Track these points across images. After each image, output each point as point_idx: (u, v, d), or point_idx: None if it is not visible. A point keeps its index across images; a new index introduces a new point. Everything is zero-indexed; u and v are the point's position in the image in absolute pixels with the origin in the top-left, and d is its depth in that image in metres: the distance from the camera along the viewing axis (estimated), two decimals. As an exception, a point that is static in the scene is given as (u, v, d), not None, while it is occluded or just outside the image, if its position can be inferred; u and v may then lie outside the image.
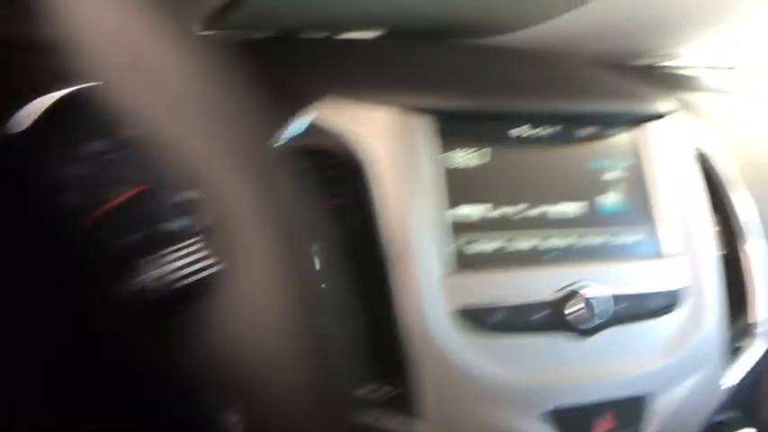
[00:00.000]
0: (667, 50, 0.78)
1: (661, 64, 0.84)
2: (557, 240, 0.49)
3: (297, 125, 0.47)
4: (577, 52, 0.73)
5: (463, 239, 0.46)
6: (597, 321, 0.46)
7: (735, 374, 0.52)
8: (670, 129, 0.54)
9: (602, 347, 0.47)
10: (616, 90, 0.55)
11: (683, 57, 0.81)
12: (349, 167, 0.46)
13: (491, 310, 0.45)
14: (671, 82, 0.80)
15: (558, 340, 0.46)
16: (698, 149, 0.58)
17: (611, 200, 0.51)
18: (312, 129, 0.47)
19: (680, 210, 0.52)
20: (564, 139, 0.51)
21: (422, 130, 0.46)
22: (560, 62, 0.58)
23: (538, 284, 0.46)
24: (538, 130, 0.50)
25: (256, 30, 0.57)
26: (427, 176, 0.45)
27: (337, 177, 0.46)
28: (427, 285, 0.44)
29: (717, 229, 0.54)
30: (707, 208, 0.53)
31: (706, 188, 0.56)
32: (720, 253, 0.53)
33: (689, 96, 0.75)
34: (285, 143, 0.47)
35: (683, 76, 0.83)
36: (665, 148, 0.53)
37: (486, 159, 0.48)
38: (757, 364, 0.53)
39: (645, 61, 0.83)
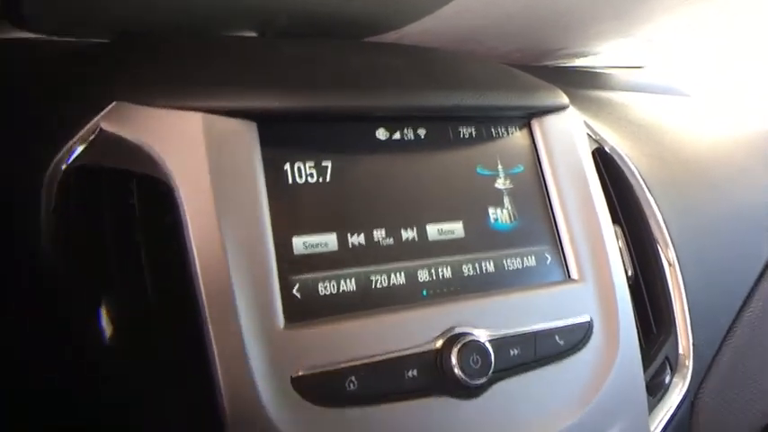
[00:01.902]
0: (575, 49, 0.73)
1: (569, 64, 0.78)
2: (431, 272, 0.38)
3: (79, 139, 0.35)
4: (478, 52, 0.66)
5: (301, 282, 0.35)
6: (490, 372, 0.36)
7: (663, 418, 0.44)
8: (567, 125, 0.45)
9: (498, 406, 0.36)
10: (502, 82, 0.45)
11: (592, 56, 0.76)
12: (144, 193, 0.34)
13: (343, 374, 0.33)
14: (577, 80, 0.74)
15: (438, 404, 0.35)
16: (600, 150, 0.50)
17: (500, 215, 0.41)
18: (97, 143, 0.34)
19: (583, 223, 0.42)
20: (437, 141, 0.40)
21: (239, 139, 0.34)
22: (439, 55, 0.48)
23: (407, 332, 0.35)
24: (404, 131, 0.40)
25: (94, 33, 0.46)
26: (248, 201, 0.33)
27: (129, 206, 0.34)
28: (255, 347, 0.32)
29: (624, 242, 0.46)
30: (612, 219, 0.44)
31: (611, 194, 0.48)
32: (630, 271, 0.45)
33: (594, 94, 0.69)
34: (66, 162, 0.34)
35: (590, 74, 0.77)
36: (563, 149, 0.44)
37: (332, 173, 0.37)
38: (684, 401, 0.45)
39: (553, 61, 0.77)
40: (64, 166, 0.34)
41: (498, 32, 0.64)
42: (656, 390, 0.45)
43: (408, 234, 0.38)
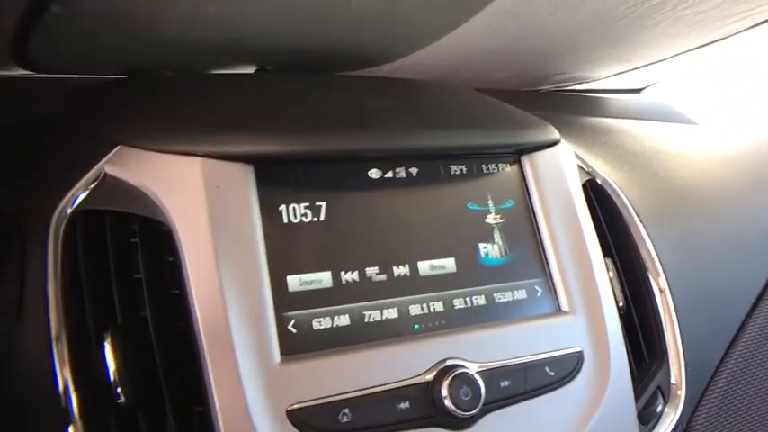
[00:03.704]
0: (572, 74, 0.74)
1: (566, 88, 0.79)
2: (423, 307, 0.39)
3: (84, 183, 0.37)
4: (473, 81, 0.68)
5: (297, 318, 0.36)
6: (481, 404, 0.37)
7: (654, 448, 0.45)
8: (557, 160, 0.46)
9: (488, 438, 0.38)
10: (492, 120, 0.47)
11: (589, 81, 0.77)
12: (145, 234, 0.36)
13: (336, 406, 0.34)
14: (574, 107, 0.75)
15: (430, 436, 0.36)
16: (592, 182, 0.51)
17: (491, 249, 0.42)
18: (102, 187, 0.36)
19: (573, 256, 0.43)
20: (428, 179, 0.42)
21: (236, 182, 0.36)
22: (431, 91, 0.50)
23: (399, 365, 0.36)
24: (396, 170, 0.41)
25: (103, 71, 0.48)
26: (244, 241, 0.35)
27: (131, 247, 0.36)
28: (250, 381, 0.33)
29: (616, 273, 0.47)
30: (602, 253, 0.45)
31: (603, 225, 0.49)
32: (621, 302, 0.45)
33: (590, 121, 0.70)
34: (71, 206, 0.36)
35: (587, 100, 0.78)
36: (553, 184, 0.45)
37: (326, 213, 0.38)
38: (675, 431, 0.46)
39: (550, 86, 0.78)
40: (70, 210, 0.36)
41: (493, 61, 0.66)
42: (648, 419, 0.45)
43: (400, 270, 0.39)
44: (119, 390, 0.33)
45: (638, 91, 0.87)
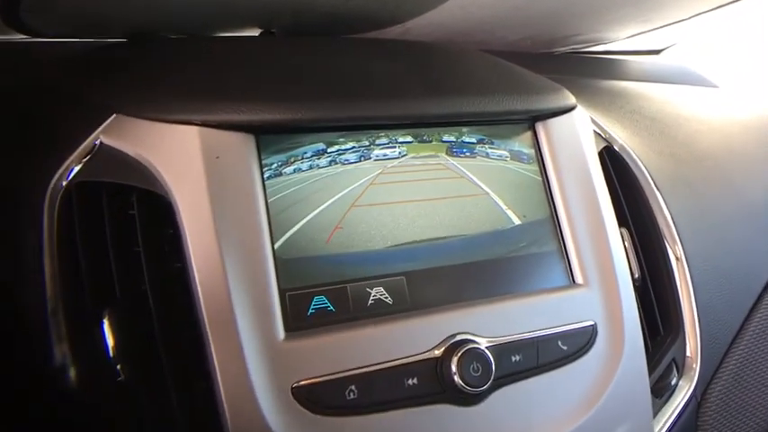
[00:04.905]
0: (589, 35, 0.71)
1: (582, 50, 0.76)
2: (432, 280, 0.38)
3: (79, 154, 0.35)
4: (487, 43, 0.65)
5: (300, 294, 0.35)
6: (491, 380, 0.36)
7: (667, 420, 0.44)
8: (573, 127, 0.44)
9: (499, 413, 0.36)
10: (505, 85, 0.44)
11: (607, 42, 0.74)
12: (144, 206, 0.34)
13: (342, 383, 0.33)
14: (590, 69, 0.72)
15: (439, 412, 0.35)
16: (609, 149, 0.49)
17: (503, 220, 0.41)
18: (98, 157, 0.35)
19: (588, 227, 0.42)
20: (438, 147, 0.40)
21: (237, 152, 0.34)
22: (440, 54, 0.47)
23: (407, 340, 0.35)
24: (405, 137, 0.39)
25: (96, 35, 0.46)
26: (246, 213, 0.34)
27: (129, 219, 0.34)
28: (254, 358, 0.32)
29: (631, 243, 0.45)
30: (618, 222, 0.43)
31: (619, 194, 0.47)
32: (636, 274, 0.44)
33: (608, 85, 0.67)
34: (66, 178, 0.35)
35: (604, 62, 0.75)
36: (568, 152, 0.43)
37: (328, 183, 0.36)
38: (688, 404, 0.45)
39: (565, 47, 0.75)
40: (65, 182, 0.34)
41: (506, 23, 0.63)
42: (661, 392, 0.44)
43: (408, 241, 0.38)
44: (119, 367, 0.32)
45: (656, 52, 0.84)
